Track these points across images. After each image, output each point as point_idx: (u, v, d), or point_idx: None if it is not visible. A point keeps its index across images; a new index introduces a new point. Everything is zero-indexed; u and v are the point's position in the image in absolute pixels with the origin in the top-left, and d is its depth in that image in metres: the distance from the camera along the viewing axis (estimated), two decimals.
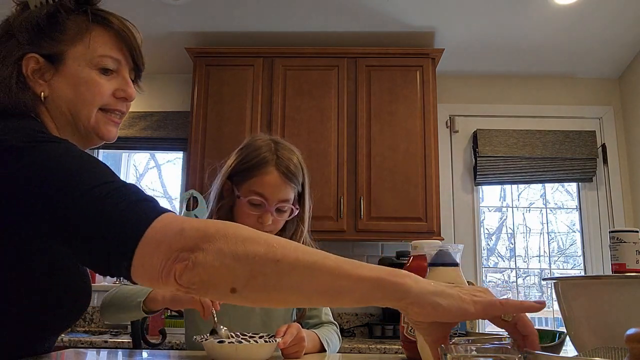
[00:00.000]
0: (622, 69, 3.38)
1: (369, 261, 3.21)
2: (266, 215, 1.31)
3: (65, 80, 0.96)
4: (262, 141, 1.36)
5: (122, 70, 1.01)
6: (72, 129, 0.99)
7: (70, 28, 0.96)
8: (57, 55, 0.95)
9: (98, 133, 1.00)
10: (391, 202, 2.90)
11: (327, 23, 3.04)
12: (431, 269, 1.03)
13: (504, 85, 3.47)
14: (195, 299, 1.09)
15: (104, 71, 0.98)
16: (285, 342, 1.10)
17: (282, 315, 1.40)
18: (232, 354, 1.01)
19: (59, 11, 0.96)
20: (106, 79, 0.99)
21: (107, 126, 1.01)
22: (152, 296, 1.15)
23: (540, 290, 3.48)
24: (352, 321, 3.18)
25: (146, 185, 3.89)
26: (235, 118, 3.02)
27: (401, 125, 2.99)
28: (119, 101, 1.01)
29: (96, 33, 0.98)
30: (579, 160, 3.30)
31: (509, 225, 3.51)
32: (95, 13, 0.99)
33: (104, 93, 0.98)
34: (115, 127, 1.03)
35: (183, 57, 3.22)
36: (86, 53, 0.96)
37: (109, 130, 1.01)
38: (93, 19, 0.98)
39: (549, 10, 2.88)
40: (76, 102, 0.97)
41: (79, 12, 0.98)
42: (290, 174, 1.32)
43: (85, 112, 0.97)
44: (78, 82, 0.96)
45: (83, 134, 1.00)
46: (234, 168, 1.35)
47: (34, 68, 0.95)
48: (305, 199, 1.40)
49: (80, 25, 0.97)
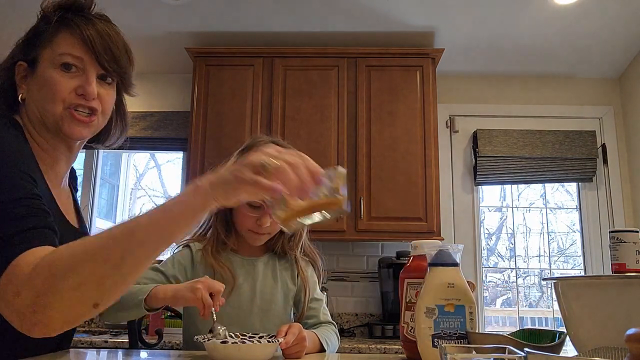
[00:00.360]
0: (622, 69, 3.38)
1: (369, 261, 3.23)
2: (265, 218, 1.31)
3: (36, 82, 1.05)
4: (263, 142, 1.36)
5: (87, 70, 1.05)
6: (44, 128, 1.06)
7: (44, 34, 1.05)
8: (34, 59, 1.05)
9: (62, 130, 1.05)
10: (391, 202, 2.90)
11: (327, 23, 3.04)
12: (431, 268, 1.03)
13: (504, 85, 3.47)
14: (197, 296, 1.09)
15: (65, 67, 1.03)
16: (288, 342, 1.11)
17: (280, 315, 1.40)
18: (234, 354, 1.01)
19: (41, 23, 1.06)
20: (68, 76, 1.04)
21: (70, 124, 1.04)
22: (154, 294, 1.15)
23: (540, 290, 3.48)
24: (352, 321, 3.18)
25: (146, 185, 3.90)
26: (235, 118, 3.02)
27: (401, 125, 2.99)
28: (79, 98, 1.04)
29: (62, 35, 1.04)
30: (579, 160, 3.30)
31: (509, 225, 3.51)
32: (65, 18, 1.05)
33: (63, 90, 1.03)
34: (80, 126, 1.06)
35: (183, 57, 3.22)
36: (51, 54, 1.04)
37: (73, 128, 1.05)
38: (61, 23, 1.05)
39: (549, 10, 2.88)
40: (42, 101, 1.04)
41: (56, 21, 1.05)
42: None
43: (50, 110, 1.03)
44: (43, 83, 1.03)
45: (54, 133, 1.06)
46: None
47: (21, 75, 1.06)
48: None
49: (52, 31, 1.05)
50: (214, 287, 1.12)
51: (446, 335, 0.98)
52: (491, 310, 3.46)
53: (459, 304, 0.99)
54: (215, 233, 1.38)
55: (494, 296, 3.53)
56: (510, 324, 3.38)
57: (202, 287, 1.11)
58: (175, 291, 1.14)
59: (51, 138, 1.07)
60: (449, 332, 0.98)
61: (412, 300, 1.09)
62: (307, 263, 1.48)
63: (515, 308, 3.37)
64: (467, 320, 0.99)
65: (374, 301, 3.20)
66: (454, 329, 0.99)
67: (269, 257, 1.44)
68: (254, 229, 1.33)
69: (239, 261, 1.39)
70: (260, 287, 1.38)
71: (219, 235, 1.38)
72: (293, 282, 1.44)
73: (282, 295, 1.41)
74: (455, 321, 0.99)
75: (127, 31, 1.16)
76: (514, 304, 3.40)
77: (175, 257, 1.38)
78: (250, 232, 1.35)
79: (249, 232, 1.35)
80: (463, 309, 0.99)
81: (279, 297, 1.40)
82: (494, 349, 0.77)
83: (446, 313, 0.99)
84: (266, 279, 1.40)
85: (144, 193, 3.90)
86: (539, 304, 3.50)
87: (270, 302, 1.38)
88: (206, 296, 1.10)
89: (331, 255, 3.22)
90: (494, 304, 3.51)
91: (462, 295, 0.99)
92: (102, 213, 3.57)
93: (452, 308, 0.99)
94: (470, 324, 0.99)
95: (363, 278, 3.23)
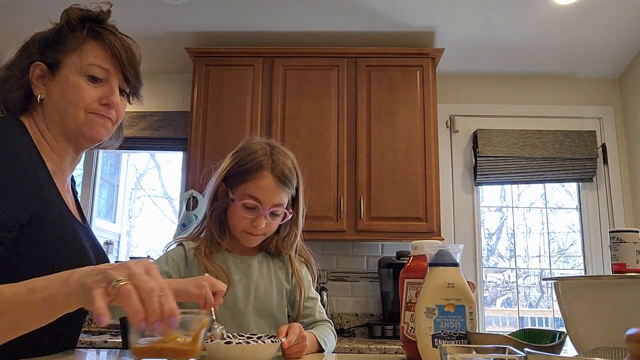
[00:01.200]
0: (622, 69, 3.38)
1: (369, 261, 3.23)
2: (260, 219, 1.31)
3: (58, 85, 1.09)
4: (258, 145, 1.36)
5: (111, 80, 1.12)
6: (60, 130, 1.10)
7: (69, 40, 1.10)
8: (56, 62, 1.09)
9: (84, 133, 1.11)
10: (391, 202, 2.90)
11: (327, 23, 3.04)
12: (431, 269, 1.03)
13: (504, 85, 3.47)
14: (202, 292, 1.10)
15: (92, 79, 1.10)
16: (290, 341, 1.11)
17: (275, 314, 1.39)
18: (238, 354, 1.01)
19: (64, 28, 1.11)
20: (93, 86, 1.10)
21: (93, 126, 1.11)
22: None
23: (540, 290, 3.48)
24: (352, 321, 3.18)
25: (146, 185, 3.90)
26: (235, 118, 3.02)
27: (401, 125, 2.99)
28: (102, 107, 1.11)
29: (89, 45, 1.11)
30: (579, 160, 3.30)
31: (509, 225, 3.51)
32: (92, 28, 1.11)
33: (88, 97, 1.09)
34: (102, 128, 1.13)
35: (183, 57, 3.22)
36: (78, 62, 1.09)
37: (95, 130, 1.11)
38: (89, 33, 1.11)
39: (549, 10, 2.88)
40: (63, 104, 1.09)
41: (81, 29, 1.11)
42: (284, 179, 1.32)
43: (71, 113, 1.09)
44: (67, 86, 1.08)
45: (71, 136, 1.11)
46: (229, 171, 1.35)
47: (38, 75, 1.10)
48: (300, 203, 1.40)
49: (77, 38, 1.11)
50: (217, 286, 1.12)
51: (446, 335, 0.98)
52: (491, 310, 3.46)
53: (459, 304, 0.99)
54: (209, 234, 1.38)
55: (494, 296, 3.53)
56: (510, 324, 3.38)
57: (207, 285, 1.11)
58: (179, 284, 1.14)
59: (63, 140, 1.12)
60: (449, 332, 0.98)
61: (412, 300, 1.09)
62: (301, 263, 1.48)
63: (515, 308, 3.37)
64: (467, 320, 0.99)
65: (374, 301, 3.20)
66: (454, 329, 0.99)
67: (263, 256, 1.44)
68: (248, 230, 1.33)
69: (233, 260, 1.39)
70: (254, 286, 1.38)
71: (212, 236, 1.37)
72: (287, 281, 1.44)
73: (277, 294, 1.41)
74: (455, 321, 0.99)
75: (127, 31, 1.18)
76: (514, 304, 3.40)
77: (169, 255, 1.37)
78: (245, 233, 1.34)
79: (243, 232, 1.34)
80: (463, 309, 0.99)
81: (273, 296, 1.40)
82: (494, 349, 0.77)
83: (446, 313, 0.99)
84: (261, 278, 1.40)
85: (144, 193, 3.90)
86: (539, 304, 3.50)
87: (265, 301, 1.38)
88: (209, 294, 1.10)
89: (331, 255, 3.22)
90: (494, 304, 3.51)
91: (462, 295, 0.99)
92: (102, 213, 3.57)
93: (452, 308, 0.99)
94: (470, 324, 0.99)
95: (363, 278, 3.23)
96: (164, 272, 1.32)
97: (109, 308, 1.20)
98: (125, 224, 3.69)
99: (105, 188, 3.66)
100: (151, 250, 3.72)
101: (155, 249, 3.73)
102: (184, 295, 1.13)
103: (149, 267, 0.77)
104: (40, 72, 1.10)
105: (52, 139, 1.11)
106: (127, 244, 3.70)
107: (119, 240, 3.60)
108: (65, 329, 1.11)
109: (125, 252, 3.67)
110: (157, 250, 3.72)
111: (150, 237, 3.80)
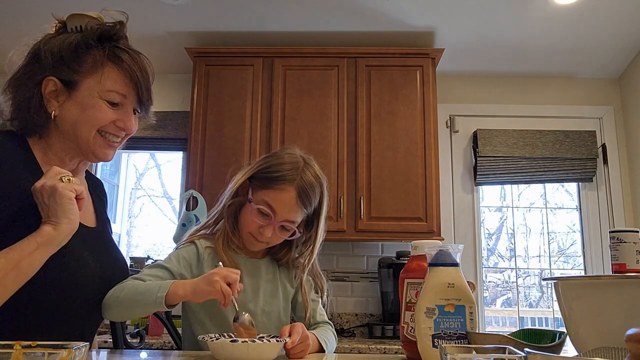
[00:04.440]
0: (622, 69, 3.38)
1: (369, 261, 3.23)
2: (268, 228, 1.31)
3: (75, 104, 1.10)
4: (293, 157, 1.35)
5: (127, 104, 1.15)
6: (73, 146, 1.13)
7: (87, 61, 1.10)
8: (73, 82, 1.10)
9: (95, 153, 1.14)
10: (391, 202, 2.90)
11: (327, 23, 3.04)
12: (431, 269, 1.03)
13: (504, 85, 3.47)
14: (216, 288, 1.10)
15: (111, 104, 1.12)
16: (294, 341, 1.11)
17: (280, 316, 1.41)
18: (243, 353, 1.01)
19: (81, 45, 1.10)
20: (111, 109, 1.12)
21: (103, 149, 1.15)
22: (173, 290, 1.14)
23: (540, 290, 3.48)
24: (352, 321, 3.18)
25: (146, 185, 3.90)
26: (235, 118, 3.02)
27: (401, 125, 2.99)
28: (118, 130, 1.15)
29: (109, 69, 1.12)
30: (579, 160, 3.30)
31: (509, 225, 3.50)
32: (111, 51, 1.12)
33: (106, 118, 1.12)
34: (112, 150, 1.18)
35: (183, 57, 3.22)
36: (97, 85, 1.10)
37: (105, 153, 1.16)
38: (108, 56, 1.12)
39: (549, 10, 2.88)
40: (79, 122, 1.10)
41: (98, 48, 1.11)
42: (306, 198, 1.32)
43: (86, 131, 1.11)
44: (86, 106, 1.10)
45: (83, 152, 1.15)
46: (256, 172, 1.35)
47: (51, 90, 1.10)
48: (319, 227, 1.40)
49: (96, 60, 1.11)
50: (230, 276, 1.12)
51: (446, 335, 0.98)
52: (491, 310, 3.46)
53: (459, 304, 0.99)
54: (224, 228, 1.39)
55: (494, 296, 3.52)
56: (510, 324, 3.38)
57: (219, 279, 1.11)
58: (194, 285, 1.14)
59: (74, 155, 1.16)
60: (449, 332, 0.98)
61: (412, 300, 1.09)
62: (311, 287, 1.47)
63: (515, 308, 3.37)
64: (467, 320, 0.99)
65: (374, 301, 3.20)
66: (454, 329, 0.99)
67: (269, 260, 1.45)
68: (255, 234, 1.34)
69: (243, 261, 1.39)
70: (262, 288, 1.39)
71: (227, 231, 1.38)
72: (291, 284, 1.45)
73: (282, 297, 1.42)
74: (455, 321, 0.99)
75: (127, 31, 1.17)
76: (514, 304, 3.40)
77: (180, 253, 1.36)
78: (250, 236, 1.35)
79: (249, 234, 1.35)
80: (463, 309, 0.99)
81: (279, 298, 1.41)
82: (494, 349, 0.77)
83: (446, 313, 0.99)
84: (268, 280, 1.41)
85: (144, 193, 3.90)
86: (539, 304, 3.50)
87: (272, 304, 1.39)
88: (225, 286, 1.10)
89: (331, 255, 3.22)
90: (494, 304, 3.51)
91: (462, 295, 0.99)
92: None
93: (452, 308, 0.99)
94: (470, 324, 0.99)
95: (363, 278, 3.23)
96: (178, 274, 1.32)
97: (122, 309, 1.23)
98: (125, 224, 3.69)
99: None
100: (151, 250, 3.72)
101: (155, 249, 3.73)
102: (200, 295, 1.13)
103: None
104: (54, 87, 1.10)
105: (63, 153, 1.14)
106: (127, 244, 3.70)
107: (119, 240, 3.60)
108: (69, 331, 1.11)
109: (125, 252, 3.66)
110: (157, 251, 3.72)
111: (150, 237, 3.80)
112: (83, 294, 1.10)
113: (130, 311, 1.19)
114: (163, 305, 1.13)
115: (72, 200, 1.02)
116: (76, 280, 1.07)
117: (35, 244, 0.97)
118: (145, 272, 1.28)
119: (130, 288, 1.18)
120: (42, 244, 0.98)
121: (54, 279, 1.03)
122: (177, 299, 1.14)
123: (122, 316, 1.25)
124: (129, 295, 1.17)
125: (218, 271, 1.14)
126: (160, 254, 3.69)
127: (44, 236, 0.98)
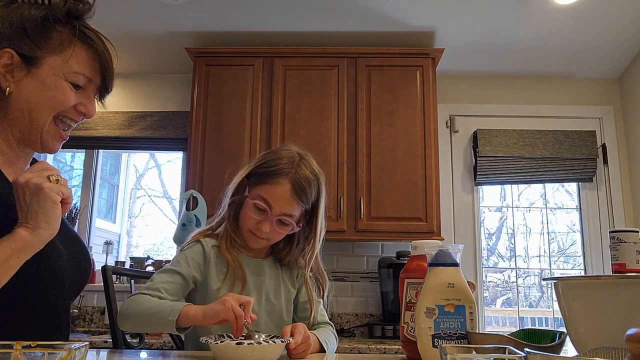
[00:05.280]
0: (622, 69, 3.38)
1: (369, 261, 3.23)
2: (265, 223, 1.32)
3: (35, 82, 1.00)
4: (288, 152, 1.37)
5: (89, 88, 1.06)
6: (22, 129, 1.02)
7: (54, 37, 1.01)
8: (34, 58, 0.99)
9: (44, 143, 1.04)
10: (391, 202, 2.90)
11: (327, 23, 3.04)
12: (431, 269, 1.03)
13: (504, 85, 3.47)
14: (227, 306, 1.10)
15: (74, 86, 1.03)
16: (297, 341, 1.12)
17: (283, 316, 1.41)
18: (248, 354, 1.02)
19: (48, 19, 1.00)
20: (74, 92, 1.03)
21: (54, 140, 1.05)
22: (184, 313, 1.16)
23: (540, 290, 3.48)
24: (352, 321, 3.18)
25: (146, 185, 3.90)
26: (235, 118, 3.02)
27: (401, 125, 2.99)
28: (78, 114, 1.06)
29: (78, 49, 1.03)
30: (579, 160, 3.30)
31: (509, 225, 3.50)
32: (81, 30, 1.03)
33: (68, 102, 1.03)
34: (59, 143, 1.07)
35: (183, 57, 3.22)
36: (63, 65, 1.01)
37: (54, 145, 1.06)
38: (78, 36, 1.02)
39: (549, 10, 2.88)
40: (39, 103, 1.01)
41: (67, 25, 1.02)
42: (301, 191, 1.32)
43: (45, 114, 1.02)
44: (48, 86, 1.00)
45: (32, 139, 1.04)
46: (254, 169, 1.37)
47: (5, 63, 0.98)
48: (318, 222, 1.40)
49: (64, 37, 1.01)
50: (242, 298, 1.13)
51: (446, 335, 0.98)
52: (491, 310, 3.46)
53: (459, 304, 0.99)
54: (227, 228, 1.39)
55: (494, 296, 3.53)
56: (510, 324, 3.38)
57: (231, 299, 1.11)
58: (204, 310, 1.15)
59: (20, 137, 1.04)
60: (449, 332, 0.98)
61: (412, 300, 1.09)
62: (313, 284, 1.48)
63: (515, 308, 3.37)
64: (467, 320, 0.99)
65: (374, 301, 3.20)
66: (454, 329, 0.99)
67: (272, 260, 1.45)
68: (254, 230, 1.34)
69: (246, 261, 1.39)
70: (266, 288, 1.39)
71: (229, 231, 1.39)
72: (293, 285, 1.45)
73: (285, 297, 1.42)
74: (455, 321, 0.99)
75: (127, 31, 1.17)
76: (514, 304, 3.40)
77: (188, 255, 1.36)
78: (250, 233, 1.35)
79: (249, 232, 1.35)
80: (463, 309, 0.99)
81: (282, 299, 1.41)
82: (494, 349, 0.77)
83: (446, 313, 0.99)
84: (271, 280, 1.41)
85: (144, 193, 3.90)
86: (539, 304, 3.50)
87: (275, 304, 1.39)
88: (236, 306, 1.10)
89: (331, 255, 3.22)
90: (494, 304, 3.51)
91: (462, 295, 0.99)
92: (101, 213, 3.57)
93: (452, 308, 0.99)
94: (470, 324, 0.99)
95: (363, 278, 3.23)
96: (190, 277, 1.32)
97: (134, 324, 1.24)
98: (125, 224, 3.69)
99: (105, 188, 3.66)
100: (151, 250, 3.72)
101: (155, 249, 3.73)
102: (211, 315, 1.13)
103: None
104: (9, 61, 0.98)
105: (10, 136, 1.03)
106: (127, 244, 3.70)
107: (119, 240, 3.60)
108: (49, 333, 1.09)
109: (125, 252, 3.66)
110: (157, 251, 3.72)
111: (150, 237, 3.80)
112: (60, 284, 1.07)
113: (146, 328, 1.24)
114: (174, 328, 1.16)
115: (57, 205, 0.92)
116: (55, 271, 1.03)
117: (10, 250, 0.88)
118: (157, 279, 1.29)
119: (147, 304, 1.21)
120: (16, 250, 0.88)
121: (35, 271, 0.98)
122: (188, 321, 1.16)
123: (139, 330, 1.29)
124: (145, 313, 1.20)
125: (230, 294, 1.15)
126: (160, 254, 3.69)
127: (19, 241, 0.89)
